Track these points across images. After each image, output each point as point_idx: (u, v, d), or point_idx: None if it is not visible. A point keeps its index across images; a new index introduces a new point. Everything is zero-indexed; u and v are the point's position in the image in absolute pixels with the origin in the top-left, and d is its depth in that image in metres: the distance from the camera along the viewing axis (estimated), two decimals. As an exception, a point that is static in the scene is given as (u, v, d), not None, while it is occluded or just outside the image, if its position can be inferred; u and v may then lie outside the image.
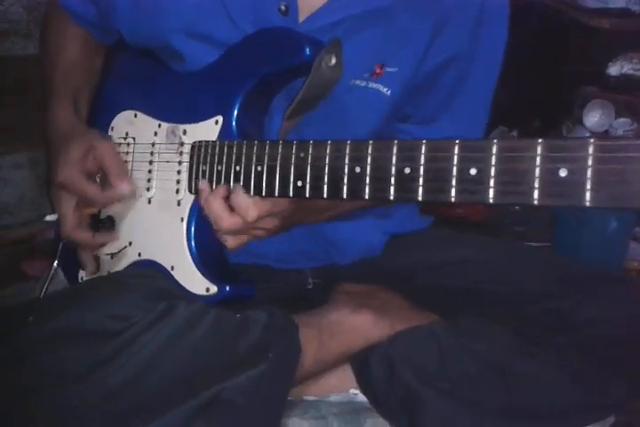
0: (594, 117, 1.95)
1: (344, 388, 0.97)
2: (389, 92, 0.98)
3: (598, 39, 2.05)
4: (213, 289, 0.90)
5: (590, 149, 0.57)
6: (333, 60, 0.87)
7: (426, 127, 1.07)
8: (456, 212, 1.76)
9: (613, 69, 1.98)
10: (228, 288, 0.90)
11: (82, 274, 1.08)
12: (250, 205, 0.83)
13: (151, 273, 0.96)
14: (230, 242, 0.88)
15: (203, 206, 0.88)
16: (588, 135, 1.97)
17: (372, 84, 0.97)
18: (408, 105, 1.03)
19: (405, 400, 0.91)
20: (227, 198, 0.86)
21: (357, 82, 0.97)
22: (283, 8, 0.93)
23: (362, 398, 0.96)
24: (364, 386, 0.95)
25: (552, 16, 2.13)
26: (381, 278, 1.09)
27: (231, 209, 0.85)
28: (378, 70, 0.97)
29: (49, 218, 1.07)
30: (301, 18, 0.95)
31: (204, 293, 0.91)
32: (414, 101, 1.04)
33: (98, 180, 1.01)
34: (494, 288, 1.03)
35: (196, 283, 0.92)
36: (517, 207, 1.86)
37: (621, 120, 1.95)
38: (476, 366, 0.90)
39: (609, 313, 0.94)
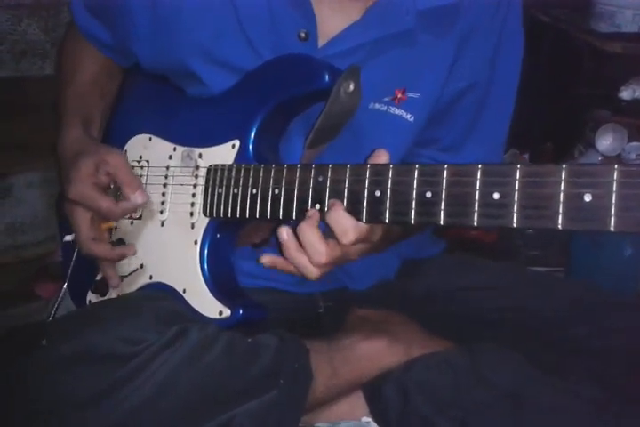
0: (606, 141, 1.94)
1: (356, 415, 0.96)
2: (412, 118, 0.98)
3: (611, 63, 2.05)
4: (226, 313, 0.89)
5: (615, 175, 0.57)
6: (352, 87, 0.86)
7: (451, 154, 1.06)
8: (470, 234, 1.75)
9: (626, 93, 1.98)
10: (241, 312, 0.89)
11: (90, 297, 1.08)
12: (351, 227, 0.76)
13: (162, 296, 0.96)
14: (315, 273, 0.81)
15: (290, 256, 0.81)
16: (600, 159, 1.97)
17: (395, 110, 0.97)
18: (428, 131, 1.03)
19: None
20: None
21: (377, 106, 0.96)
22: (302, 35, 0.93)
23: (374, 426, 0.94)
24: (377, 414, 0.94)
25: (564, 40, 2.14)
26: (394, 303, 1.08)
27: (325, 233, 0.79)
28: (399, 95, 0.96)
29: (68, 238, 1.07)
30: (321, 43, 0.95)
31: (216, 316, 0.90)
32: (433, 127, 1.03)
33: (111, 193, 1.01)
34: (508, 315, 1.02)
35: (209, 306, 0.91)
36: (531, 231, 1.85)
37: (634, 144, 1.94)
38: (491, 394, 0.88)
39: (625, 341, 0.92)
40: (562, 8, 2.24)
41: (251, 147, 0.91)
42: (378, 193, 0.74)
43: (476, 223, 0.65)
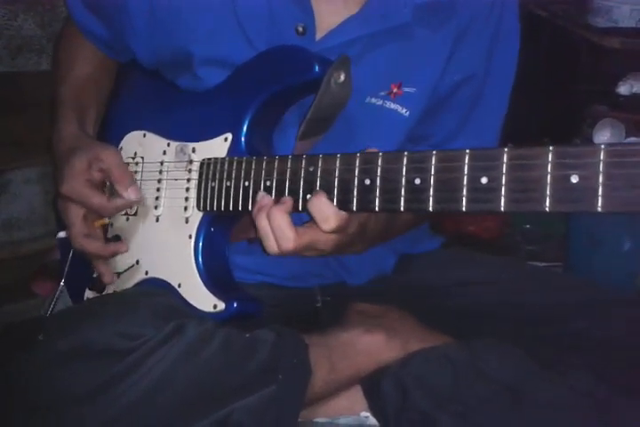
0: (604, 136, 1.94)
1: (355, 410, 0.95)
2: (408, 113, 0.98)
3: (608, 58, 2.05)
4: (221, 306, 0.89)
5: (601, 155, 0.57)
6: (342, 77, 0.86)
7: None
8: (468, 229, 1.75)
9: (623, 89, 1.98)
10: (235, 305, 0.89)
11: (88, 294, 1.08)
12: (332, 214, 0.76)
13: (159, 291, 0.96)
14: (274, 251, 0.80)
15: (258, 220, 0.80)
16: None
17: (390, 105, 0.97)
18: (422, 126, 1.03)
19: (418, 424, 0.89)
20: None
21: (373, 100, 0.96)
22: (300, 29, 0.93)
23: (373, 421, 0.94)
24: (376, 409, 0.93)
25: (562, 35, 2.14)
26: (392, 298, 1.08)
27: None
28: (395, 89, 0.96)
29: (61, 235, 1.07)
30: (318, 37, 0.95)
31: (211, 309, 0.90)
32: (428, 122, 1.03)
33: (106, 190, 1.01)
34: (507, 310, 1.02)
35: (204, 300, 0.91)
36: (528, 226, 1.85)
37: (632, 139, 1.94)
38: (491, 389, 0.87)
39: (624, 336, 0.92)
40: (559, 3, 2.24)
41: (243, 140, 0.91)
42: (368, 182, 0.74)
43: (464, 208, 0.65)
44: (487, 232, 1.79)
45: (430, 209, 0.68)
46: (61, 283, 1.10)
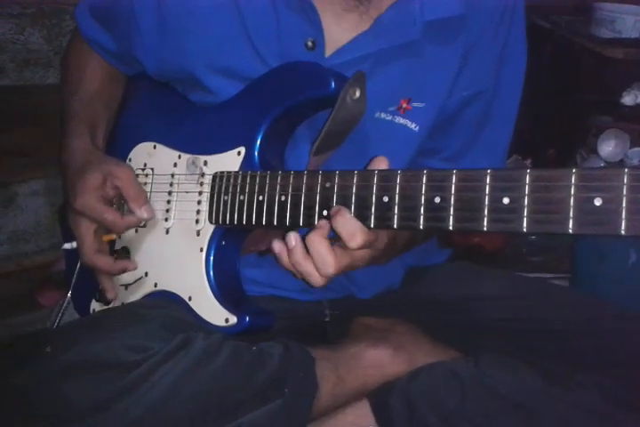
0: (608, 147, 1.95)
1: (362, 425, 0.94)
2: (417, 128, 0.98)
3: (612, 69, 2.06)
4: (233, 320, 0.89)
5: (625, 179, 0.57)
6: (357, 93, 0.87)
7: (454, 164, 1.06)
8: (473, 240, 1.75)
9: (628, 99, 1.99)
10: (247, 319, 0.88)
11: (94, 305, 1.07)
12: (358, 230, 0.75)
13: (167, 303, 0.95)
14: (321, 282, 0.81)
15: (296, 261, 0.80)
16: (602, 165, 1.97)
17: (400, 120, 0.97)
18: (432, 140, 1.03)
19: None
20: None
21: (382, 115, 0.97)
22: (310, 43, 0.93)
23: (380, 435, 0.94)
24: (383, 424, 0.93)
25: (565, 46, 2.15)
26: (400, 312, 1.07)
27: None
28: (404, 105, 0.96)
29: (67, 246, 1.07)
30: (328, 53, 0.95)
31: (223, 323, 0.90)
32: (437, 137, 1.03)
33: (115, 206, 1.01)
34: (512, 325, 1.02)
35: (215, 313, 0.91)
36: (534, 237, 1.85)
37: (636, 150, 1.94)
38: (499, 405, 0.87)
39: (628, 352, 0.91)
40: (562, 14, 2.25)
41: (256, 154, 0.91)
42: (386, 199, 0.74)
43: (485, 228, 0.65)
44: (492, 243, 1.79)
45: (450, 228, 0.67)
46: (68, 294, 1.10)
